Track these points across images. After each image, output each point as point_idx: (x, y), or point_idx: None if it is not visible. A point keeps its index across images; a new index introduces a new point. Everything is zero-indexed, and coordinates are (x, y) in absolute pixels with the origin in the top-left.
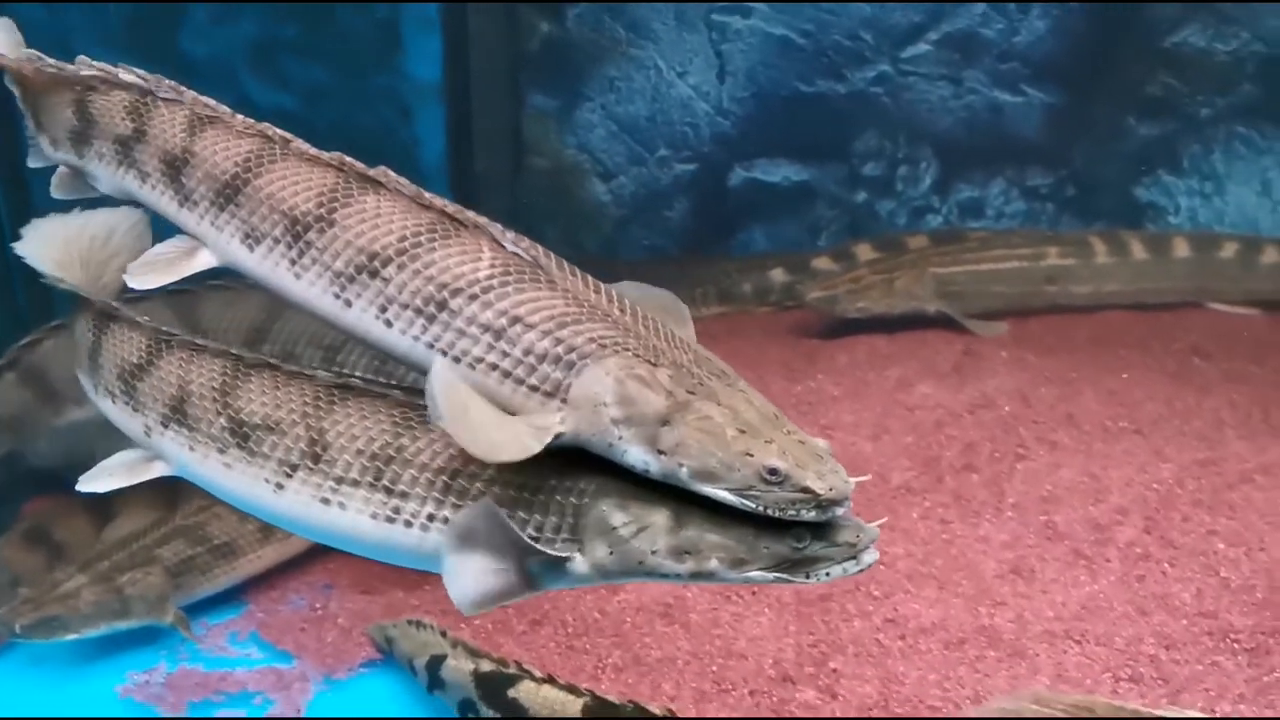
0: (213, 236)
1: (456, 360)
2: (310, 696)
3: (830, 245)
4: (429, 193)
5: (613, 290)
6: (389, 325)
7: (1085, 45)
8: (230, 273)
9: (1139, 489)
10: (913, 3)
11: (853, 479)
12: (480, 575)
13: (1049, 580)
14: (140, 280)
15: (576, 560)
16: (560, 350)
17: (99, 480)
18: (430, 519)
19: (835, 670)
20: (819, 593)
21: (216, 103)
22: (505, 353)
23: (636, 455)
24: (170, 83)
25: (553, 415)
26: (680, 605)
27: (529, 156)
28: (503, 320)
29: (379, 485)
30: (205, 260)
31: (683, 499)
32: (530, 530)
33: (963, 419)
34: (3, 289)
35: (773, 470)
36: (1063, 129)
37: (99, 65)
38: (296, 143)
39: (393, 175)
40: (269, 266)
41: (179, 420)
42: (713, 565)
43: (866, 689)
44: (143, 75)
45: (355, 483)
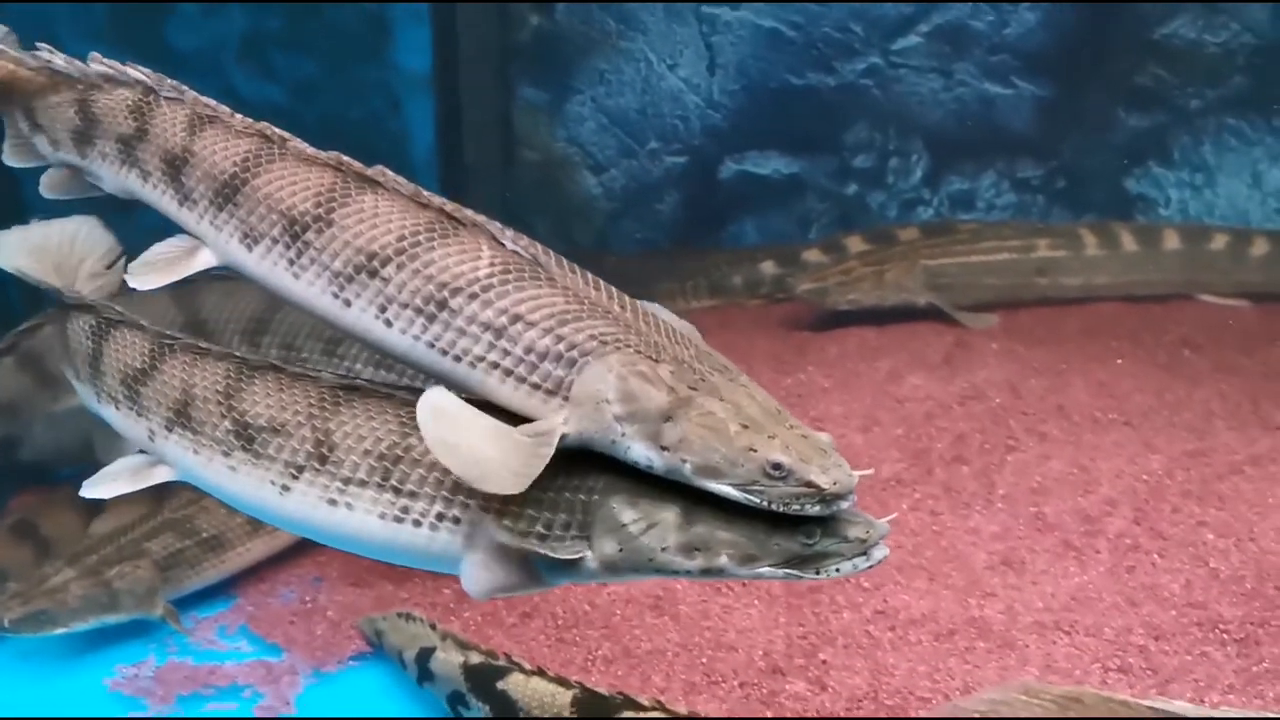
0: (212, 236)
1: (457, 360)
2: (300, 689)
3: (821, 237)
4: (427, 191)
5: (612, 287)
6: (389, 325)
7: (1075, 37)
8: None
9: (1129, 480)
10: None
11: (856, 473)
12: (492, 570)
13: (1039, 571)
14: (141, 280)
15: (586, 557)
16: (562, 348)
17: (103, 485)
18: (440, 518)
19: (825, 662)
20: (808, 584)
21: (217, 103)
22: (506, 351)
23: (639, 452)
24: (172, 82)
25: (555, 417)
26: (670, 597)
27: (519, 149)
28: (503, 319)
29: (387, 485)
30: (205, 260)
31: (692, 496)
32: (540, 527)
33: (953, 411)
34: None
35: (776, 465)
36: (1053, 121)
37: (109, 62)
38: (294, 142)
39: (390, 174)
40: (268, 266)
41: (183, 424)
42: (722, 561)
43: (856, 680)
44: (146, 73)
45: (363, 483)
